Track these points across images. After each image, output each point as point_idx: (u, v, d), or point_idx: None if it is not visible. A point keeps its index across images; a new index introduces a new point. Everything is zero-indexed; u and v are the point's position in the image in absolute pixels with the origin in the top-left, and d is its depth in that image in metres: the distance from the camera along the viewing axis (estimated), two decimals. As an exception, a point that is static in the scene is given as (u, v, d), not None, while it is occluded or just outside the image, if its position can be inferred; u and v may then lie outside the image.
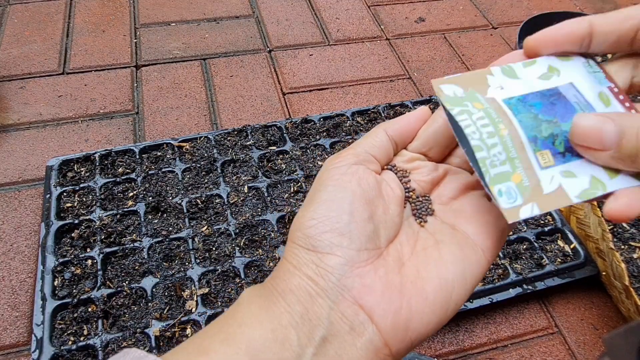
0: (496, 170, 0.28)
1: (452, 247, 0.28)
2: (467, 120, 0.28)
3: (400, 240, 0.29)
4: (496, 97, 0.29)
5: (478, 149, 0.28)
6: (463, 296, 0.28)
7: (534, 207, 0.27)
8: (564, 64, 0.29)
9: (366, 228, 0.27)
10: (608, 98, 0.28)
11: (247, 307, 0.27)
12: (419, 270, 0.28)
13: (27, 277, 0.65)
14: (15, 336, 0.61)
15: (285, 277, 0.27)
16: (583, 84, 0.29)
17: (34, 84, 0.90)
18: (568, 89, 0.29)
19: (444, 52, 1.04)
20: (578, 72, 0.29)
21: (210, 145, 0.79)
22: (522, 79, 0.29)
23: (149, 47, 1.00)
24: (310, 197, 0.29)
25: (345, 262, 0.26)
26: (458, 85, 0.29)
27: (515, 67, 0.30)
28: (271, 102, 0.91)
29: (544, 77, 0.29)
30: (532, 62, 0.29)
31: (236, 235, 0.68)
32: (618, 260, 0.61)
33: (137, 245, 0.66)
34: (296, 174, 0.76)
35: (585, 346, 0.63)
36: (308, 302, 0.26)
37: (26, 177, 0.76)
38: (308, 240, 0.27)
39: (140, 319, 0.60)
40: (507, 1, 1.19)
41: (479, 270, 0.28)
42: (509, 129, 0.28)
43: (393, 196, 0.30)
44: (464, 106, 0.29)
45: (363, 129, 0.84)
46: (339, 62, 1.00)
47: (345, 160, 0.29)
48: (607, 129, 0.25)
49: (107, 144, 0.82)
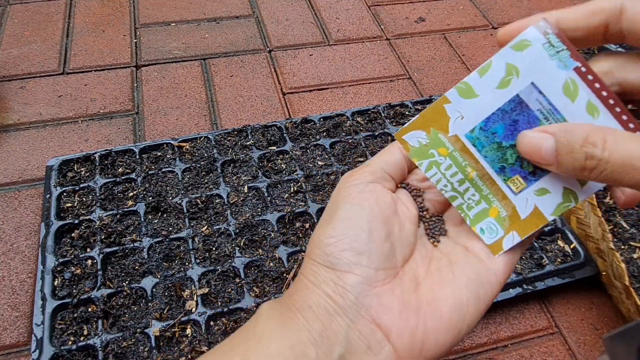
0: (474, 211, 0.30)
1: (466, 269, 0.29)
2: (437, 174, 0.30)
3: (415, 260, 0.30)
4: (459, 132, 0.29)
5: (453, 199, 0.30)
6: (476, 317, 0.28)
7: (515, 236, 0.29)
8: (522, 56, 0.26)
9: (384, 247, 0.28)
10: (576, 86, 0.26)
11: (266, 321, 0.27)
12: (434, 290, 0.28)
13: (27, 277, 0.65)
14: (15, 336, 0.61)
15: (303, 293, 0.27)
16: (545, 79, 0.26)
17: (34, 84, 0.90)
18: (530, 94, 0.27)
19: (444, 52, 1.04)
20: (538, 63, 0.26)
21: (210, 145, 0.79)
22: (480, 95, 0.28)
23: (149, 47, 1.00)
24: (328, 214, 0.29)
25: (363, 281, 0.26)
26: (420, 130, 0.29)
27: (472, 81, 0.28)
28: (271, 102, 0.91)
29: (502, 85, 0.27)
30: (488, 65, 0.27)
31: (236, 235, 0.68)
32: (618, 260, 0.61)
33: (137, 245, 0.66)
34: (296, 174, 0.76)
35: (585, 346, 0.63)
36: (326, 320, 0.26)
37: (26, 177, 0.76)
38: (327, 258, 0.27)
39: (140, 319, 0.60)
40: (507, 1, 1.19)
41: (491, 292, 0.29)
42: (476, 169, 0.29)
43: (408, 215, 0.30)
44: (430, 156, 0.29)
45: (363, 129, 0.84)
46: (339, 62, 1.00)
47: (362, 177, 0.30)
48: (545, 146, 0.25)
49: (107, 144, 0.82)
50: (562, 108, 0.26)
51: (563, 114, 0.26)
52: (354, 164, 0.78)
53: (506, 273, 0.29)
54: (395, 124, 0.85)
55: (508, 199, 0.29)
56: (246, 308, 0.61)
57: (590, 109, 0.25)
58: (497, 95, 0.27)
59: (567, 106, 0.26)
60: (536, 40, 0.26)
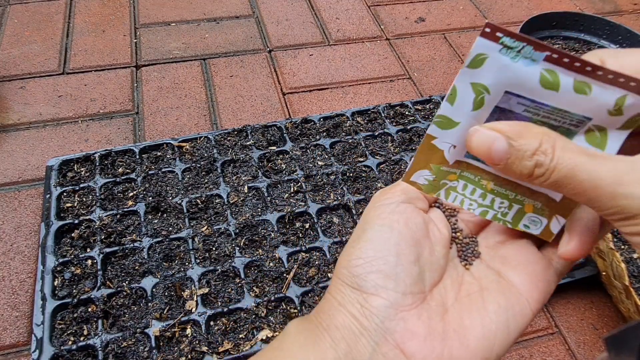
0: (509, 216, 0.29)
1: (497, 296, 0.28)
2: (458, 197, 0.29)
3: (444, 284, 0.29)
4: (458, 158, 0.28)
5: (484, 214, 0.29)
6: (505, 347, 0.27)
7: (559, 219, 0.28)
8: (483, 71, 0.24)
9: (412, 271, 0.27)
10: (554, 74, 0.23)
11: (296, 338, 0.27)
12: (462, 317, 0.27)
13: (27, 277, 0.65)
14: (15, 336, 0.61)
15: (330, 312, 0.27)
16: (518, 82, 0.24)
17: (34, 84, 0.90)
18: (508, 100, 0.25)
19: (444, 52, 1.04)
20: (503, 71, 0.24)
21: (210, 145, 0.79)
22: (460, 122, 0.26)
23: (149, 47, 1.00)
24: (357, 234, 0.29)
25: (389, 305, 0.26)
26: (423, 169, 0.29)
27: (446, 112, 0.26)
28: (271, 102, 0.91)
29: (477, 106, 0.25)
30: (454, 91, 0.25)
31: (236, 235, 0.68)
32: (618, 260, 0.61)
33: (137, 245, 0.66)
34: (296, 174, 0.76)
35: (585, 346, 0.63)
36: (352, 341, 0.26)
37: (26, 177, 0.76)
38: (354, 279, 0.27)
39: (140, 319, 0.60)
40: (507, 1, 1.19)
41: (523, 322, 0.28)
42: (491, 180, 0.28)
43: (440, 237, 0.30)
44: (443, 186, 0.29)
45: (363, 129, 0.84)
46: (339, 62, 1.00)
47: (394, 197, 0.29)
48: (496, 147, 0.24)
49: (107, 144, 0.82)
50: (548, 100, 0.25)
51: (550, 104, 0.25)
52: (354, 163, 0.78)
53: (540, 303, 0.28)
54: (395, 124, 0.85)
55: (536, 191, 0.28)
56: (246, 308, 0.61)
57: (580, 89, 0.24)
58: (476, 116, 0.26)
59: (552, 97, 0.24)
60: (490, 50, 0.23)
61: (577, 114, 0.25)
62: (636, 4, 1.22)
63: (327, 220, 0.71)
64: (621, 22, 0.99)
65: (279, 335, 0.29)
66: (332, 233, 0.70)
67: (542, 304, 0.28)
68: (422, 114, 0.87)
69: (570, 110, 0.25)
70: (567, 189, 0.23)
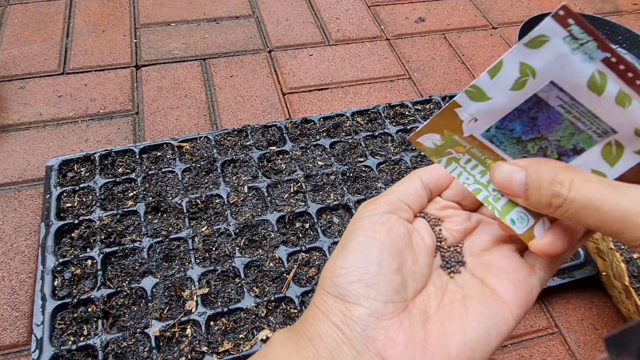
0: (501, 202, 0.29)
1: (480, 304, 0.28)
2: (457, 168, 0.29)
3: (427, 293, 0.29)
4: (474, 133, 0.28)
5: (477, 192, 0.29)
6: (487, 354, 0.27)
7: (545, 222, 0.28)
8: (539, 54, 0.24)
9: (394, 280, 0.28)
10: (604, 78, 0.23)
11: (280, 348, 0.28)
12: (444, 325, 0.28)
13: (27, 277, 0.65)
14: (15, 336, 0.61)
15: (313, 322, 0.28)
16: (567, 76, 0.24)
17: (34, 84, 0.90)
18: (549, 92, 0.25)
19: (444, 52, 1.04)
20: (558, 60, 0.23)
21: (210, 145, 0.79)
22: (493, 97, 0.26)
23: (149, 47, 1.00)
24: (341, 245, 0.29)
25: (371, 314, 0.26)
26: (435, 133, 0.29)
27: (482, 84, 0.26)
28: (271, 102, 0.91)
29: (517, 86, 0.25)
30: (499, 65, 0.25)
31: (236, 235, 0.68)
32: (618, 260, 0.61)
33: (137, 245, 0.66)
34: (296, 174, 0.76)
35: (585, 346, 0.63)
36: (335, 350, 0.26)
37: (26, 177, 0.76)
38: (336, 289, 0.28)
39: (140, 319, 0.60)
40: (507, 1, 1.19)
41: (505, 329, 0.28)
42: (496, 160, 0.28)
43: (423, 246, 0.30)
44: (447, 154, 0.29)
45: (363, 129, 0.84)
46: (339, 62, 1.00)
47: (378, 208, 0.30)
48: (515, 179, 0.26)
49: (107, 144, 0.82)
50: (587, 102, 0.24)
51: (587, 106, 0.24)
52: (354, 164, 0.78)
53: (522, 310, 0.28)
54: (395, 124, 0.85)
55: None
56: (246, 308, 0.61)
57: (621, 100, 0.23)
58: (512, 96, 0.25)
59: (592, 100, 0.24)
60: (555, 34, 0.23)
61: (607, 124, 0.25)
62: (636, 4, 1.22)
63: (327, 220, 0.71)
64: (621, 22, 0.99)
65: (264, 347, 0.29)
66: (332, 233, 0.70)
67: (525, 310, 0.29)
68: (422, 114, 0.87)
69: (602, 117, 0.25)
70: (590, 220, 0.23)
